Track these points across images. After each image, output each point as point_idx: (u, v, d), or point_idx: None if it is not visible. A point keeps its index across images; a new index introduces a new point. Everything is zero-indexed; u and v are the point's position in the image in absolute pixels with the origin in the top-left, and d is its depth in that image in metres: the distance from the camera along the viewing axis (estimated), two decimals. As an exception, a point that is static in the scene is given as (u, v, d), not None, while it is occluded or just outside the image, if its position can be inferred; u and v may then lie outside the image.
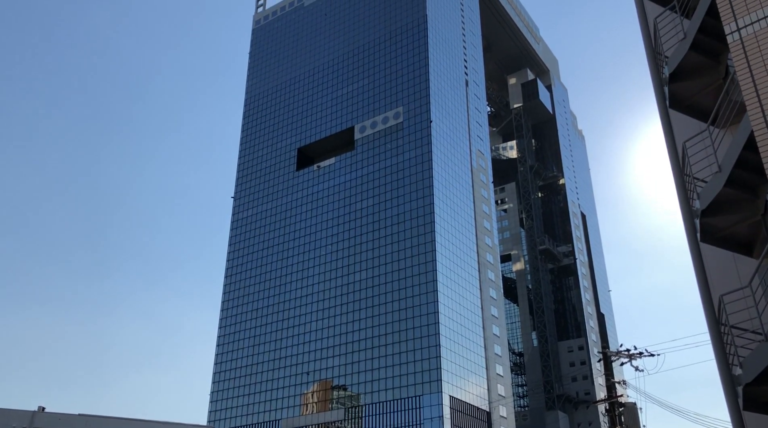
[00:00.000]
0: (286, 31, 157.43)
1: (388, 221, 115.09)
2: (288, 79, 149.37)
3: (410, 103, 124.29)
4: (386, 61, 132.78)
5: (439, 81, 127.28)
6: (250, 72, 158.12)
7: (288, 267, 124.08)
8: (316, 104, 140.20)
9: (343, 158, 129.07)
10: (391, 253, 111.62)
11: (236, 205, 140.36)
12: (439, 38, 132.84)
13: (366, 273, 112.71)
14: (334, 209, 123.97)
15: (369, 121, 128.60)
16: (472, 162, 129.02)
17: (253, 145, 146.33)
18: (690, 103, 21.27)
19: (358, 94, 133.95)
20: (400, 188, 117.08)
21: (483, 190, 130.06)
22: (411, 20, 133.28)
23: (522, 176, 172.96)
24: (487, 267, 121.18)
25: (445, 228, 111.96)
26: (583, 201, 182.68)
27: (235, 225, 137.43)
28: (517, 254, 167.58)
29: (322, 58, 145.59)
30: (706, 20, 18.76)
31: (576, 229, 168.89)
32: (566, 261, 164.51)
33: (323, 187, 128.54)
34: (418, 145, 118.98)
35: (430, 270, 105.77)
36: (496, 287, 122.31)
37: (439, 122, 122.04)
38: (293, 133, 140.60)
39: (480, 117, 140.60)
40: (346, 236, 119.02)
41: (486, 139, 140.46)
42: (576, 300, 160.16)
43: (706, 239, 19.05)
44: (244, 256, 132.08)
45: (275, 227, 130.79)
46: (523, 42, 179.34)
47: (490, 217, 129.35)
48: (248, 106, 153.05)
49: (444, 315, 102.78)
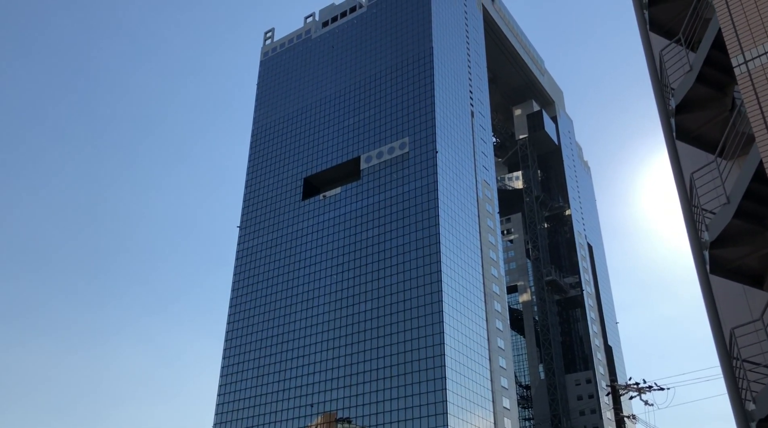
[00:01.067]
0: (294, 63, 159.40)
1: (394, 251, 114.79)
2: (295, 109, 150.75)
3: (416, 134, 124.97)
4: (392, 92, 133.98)
5: (444, 112, 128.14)
6: (258, 103, 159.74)
7: (293, 297, 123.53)
8: (323, 134, 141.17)
9: (349, 188, 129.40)
10: (397, 284, 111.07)
11: (242, 234, 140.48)
12: (444, 70, 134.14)
13: (371, 304, 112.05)
14: (339, 239, 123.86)
15: (375, 151, 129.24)
16: (477, 192, 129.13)
17: (260, 174, 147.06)
18: (697, 134, 21.27)
19: (364, 125, 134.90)
20: (405, 218, 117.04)
21: (489, 220, 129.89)
22: (417, 52, 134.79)
23: (528, 207, 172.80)
24: (493, 298, 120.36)
25: (451, 259, 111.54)
26: (590, 232, 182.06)
27: (241, 255, 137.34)
28: (523, 285, 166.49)
29: (329, 89, 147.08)
30: (711, 53, 18.85)
31: (582, 260, 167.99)
32: (573, 292, 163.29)
33: (329, 216, 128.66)
34: (423, 175, 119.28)
35: (436, 302, 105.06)
36: (503, 318, 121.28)
37: (444, 152, 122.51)
38: (300, 163, 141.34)
39: (486, 147, 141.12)
40: (352, 266, 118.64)
41: (492, 170, 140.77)
42: (583, 332, 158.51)
43: (716, 271, 18.85)
44: (249, 286, 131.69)
45: (281, 257, 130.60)
46: (528, 74, 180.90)
47: (496, 248, 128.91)
48: (255, 137, 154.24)
49: (450, 346, 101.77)
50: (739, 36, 16.54)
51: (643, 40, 23.16)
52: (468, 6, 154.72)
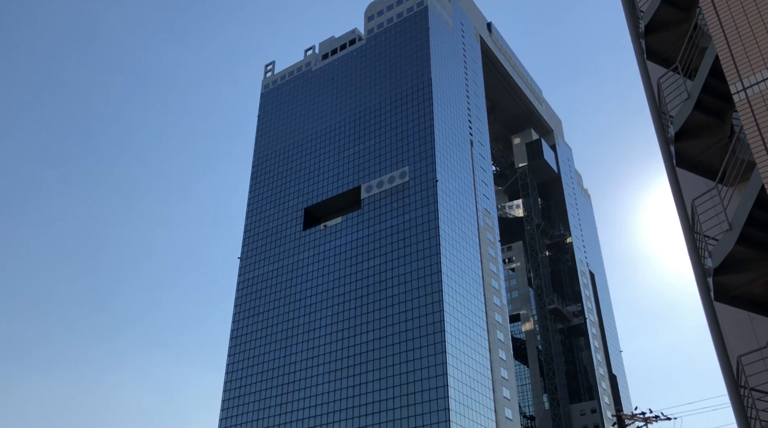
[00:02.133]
0: (294, 95, 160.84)
1: (395, 281, 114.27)
2: (295, 140, 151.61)
3: (416, 163, 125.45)
4: (392, 122, 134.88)
5: (444, 141, 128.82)
6: (259, 135, 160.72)
7: (294, 328, 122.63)
8: (323, 164, 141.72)
9: (350, 217, 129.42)
10: (399, 314, 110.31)
11: (242, 265, 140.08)
12: (443, 100, 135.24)
13: (373, 335, 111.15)
14: (340, 269, 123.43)
15: (375, 181, 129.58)
16: (478, 220, 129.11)
17: (261, 205, 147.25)
18: (696, 161, 21.31)
19: (364, 154, 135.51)
20: (406, 247, 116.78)
21: (490, 248, 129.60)
22: (416, 83, 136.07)
23: (529, 235, 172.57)
24: (496, 327, 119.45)
25: (453, 288, 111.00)
26: (591, 259, 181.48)
27: (242, 286, 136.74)
28: (526, 314, 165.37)
29: (329, 119, 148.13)
30: (709, 80, 18.98)
31: (585, 288, 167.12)
32: (576, 321, 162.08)
33: (330, 246, 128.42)
34: (424, 203, 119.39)
35: (438, 332, 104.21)
36: (506, 348, 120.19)
37: (444, 181, 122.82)
38: (300, 193, 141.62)
39: (485, 176, 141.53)
40: (353, 296, 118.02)
41: (492, 198, 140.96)
42: (587, 361, 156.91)
43: (720, 298, 18.69)
44: (250, 318, 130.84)
45: (282, 288, 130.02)
46: (526, 103, 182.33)
47: (498, 277, 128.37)
48: (256, 168, 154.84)
49: (453, 377, 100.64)
50: (737, 64, 16.67)
51: (641, 68, 23.36)
52: (466, 37, 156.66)
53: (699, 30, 20.24)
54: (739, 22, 17.37)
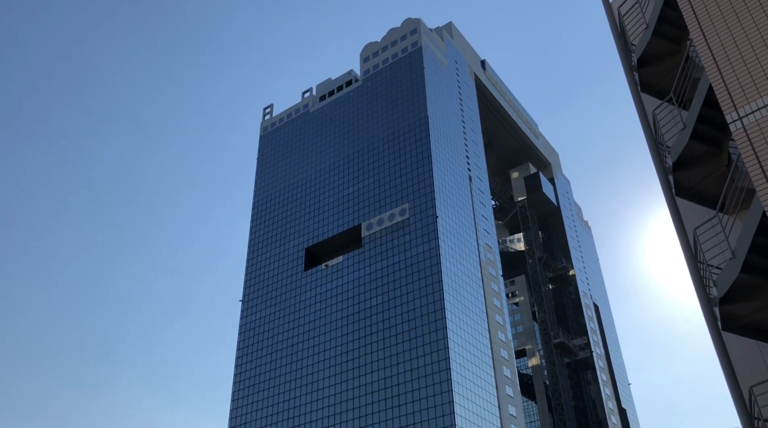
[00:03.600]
0: (293, 136, 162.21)
1: (399, 319, 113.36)
2: (295, 181, 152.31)
3: (415, 200, 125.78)
4: (390, 160, 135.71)
5: (442, 177, 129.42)
6: (258, 177, 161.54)
7: (298, 370, 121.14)
8: (323, 204, 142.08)
9: (351, 256, 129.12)
10: (403, 352, 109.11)
11: (244, 308, 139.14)
12: (440, 136, 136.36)
13: (378, 375, 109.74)
14: (343, 308, 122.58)
15: (375, 219, 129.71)
16: (480, 255, 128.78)
17: (261, 247, 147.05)
18: (696, 190, 21.35)
19: (363, 193, 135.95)
20: (409, 284, 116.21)
21: (493, 283, 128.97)
22: (413, 121, 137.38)
23: (531, 268, 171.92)
24: (502, 363, 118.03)
25: (457, 325, 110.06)
26: (595, 291, 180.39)
27: (244, 329, 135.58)
28: (531, 349, 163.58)
29: (328, 159, 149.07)
30: (703, 110, 19.16)
31: (590, 321, 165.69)
32: (582, 354, 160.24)
33: (332, 286, 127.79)
34: (425, 240, 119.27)
35: (444, 369, 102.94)
36: (513, 384, 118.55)
37: (445, 217, 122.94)
38: (301, 234, 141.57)
39: (485, 211, 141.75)
40: (357, 336, 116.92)
41: (493, 233, 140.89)
42: (595, 395, 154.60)
43: (728, 327, 18.50)
44: (252, 361, 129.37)
45: (284, 329, 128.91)
46: (522, 137, 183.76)
47: (502, 311, 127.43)
48: (256, 210, 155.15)
49: (460, 416, 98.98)
50: (731, 94, 16.85)
51: (636, 100, 23.61)
52: (460, 75, 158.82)
53: (691, 61, 20.52)
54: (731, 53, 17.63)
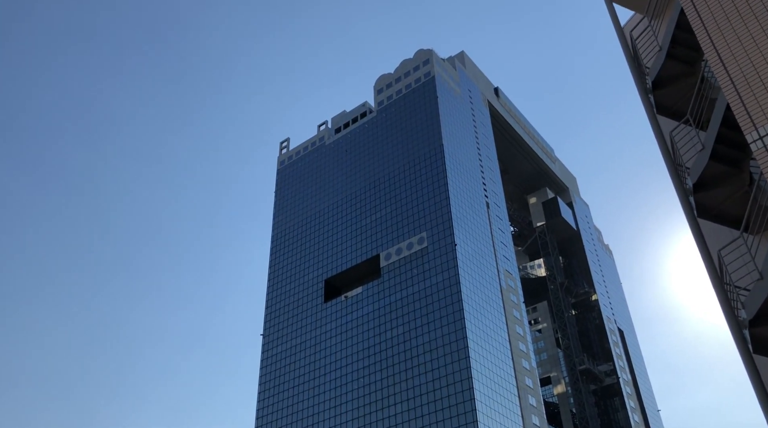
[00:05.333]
0: (310, 169, 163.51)
1: (420, 349, 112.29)
2: (312, 213, 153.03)
3: (433, 228, 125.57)
4: (407, 190, 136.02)
5: (460, 205, 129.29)
6: (276, 210, 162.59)
7: (321, 404, 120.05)
8: (341, 235, 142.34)
9: (370, 287, 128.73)
10: (426, 383, 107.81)
11: (265, 342, 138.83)
12: (456, 164, 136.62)
13: (401, 407, 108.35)
14: (364, 339, 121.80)
15: (394, 248, 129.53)
16: (500, 283, 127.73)
17: (281, 280, 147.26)
18: (718, 211, 21.08)
19: (381, 223, 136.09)
20: (430, 314, 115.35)
21: (515, 310, 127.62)
22: (428, 150, 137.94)
23: (553, 294, 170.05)
24: (527, 392, 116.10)
25: (480, 353, 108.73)
26: (619, 316, 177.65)
27: (265, 363, 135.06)
28: (556, 376, 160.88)
29: (345, 191, 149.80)
30: (722, 130, 19.02)
31: (615, 346, 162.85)
32: (609, 380, 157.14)
33: (352, 317, 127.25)
34: (444, 268, 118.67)
35: (468, 400, 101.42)
36: (539, 413, 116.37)
37: (463, 245, 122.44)
38: (319, 266, 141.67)
39: (504, 237, 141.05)
40: (378, 367, 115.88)
41: (512, 259, 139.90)
42: (624, 422, 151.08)
43: (760, 350, 18.07)
44: (275, 395, 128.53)
45: (306, 362, 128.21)
46: (539, 163, 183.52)
47: (525, 339, 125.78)
48: (275, 243, 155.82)
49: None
50: (750, 113, 16.73)
51: (652, 123, 23.52)
52: (474, 103, 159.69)
53: (707, 82, 20.45)
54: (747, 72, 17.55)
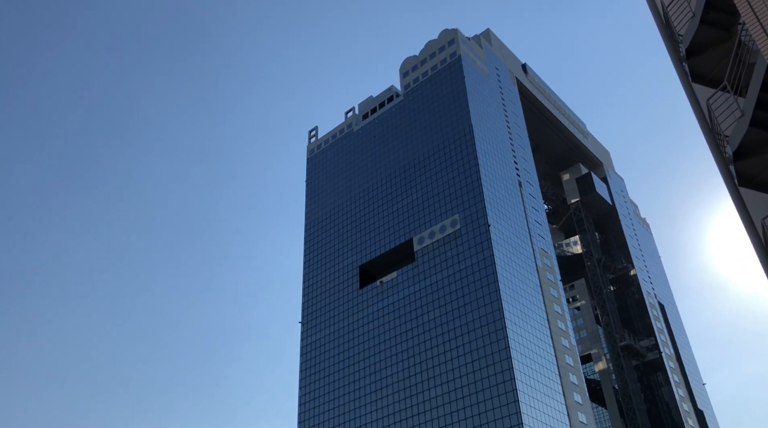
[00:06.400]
0: (339, 157, 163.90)
1: (458, 331, 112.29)
2: (344, 200, 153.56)
3: (466, 210, 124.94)
4: (438, 172, 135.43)
5: (492, 185, 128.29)
6: (308, 199, 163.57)
7: (362, 388, 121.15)
8: (374, 221, 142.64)
9: (405, 271, 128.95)
10: (465, 365, 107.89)
11: (304, 329, 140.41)
12: (487, 144, 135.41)
13: (441, 389, 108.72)
14: (401, 324, 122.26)
15: (427, 232, 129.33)
16: (536, 262, 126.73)
17: (316, 268, 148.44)
18: (760, 179, 20.48)
19: (413, 207, 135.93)
20: (465, 296, 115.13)
21: (552, 289, 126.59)
22: (457, 131, 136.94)
23: (590, 271, 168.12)
24: (567, 370, 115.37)
25: (518, 333, 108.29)
26: (659, 290, 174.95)
27: (305, 351, 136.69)
28: (597, 353, 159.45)
29: (376, 177, 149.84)
30: (762, 96, 18.42)
31: (656, 321, 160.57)
32: (651, 356, 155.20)
33: (388, 302, 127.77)
34: (478, 250, 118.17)
35: (508, 380, 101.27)
36: (581, 391, 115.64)
37: (497, 225, 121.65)
38: (353, 252, 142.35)
39: (538, 216, 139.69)
40: (416, 351, 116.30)
41: (548, 237, 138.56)
42: (669, 397, 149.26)
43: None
44: (316, 381, 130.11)
45: (344, 348, 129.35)
46: (571, 138, 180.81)
47: (564, 317, 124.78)
48: (308, 232, 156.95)
49: (529, 426, 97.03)
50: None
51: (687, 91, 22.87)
52: (502, 81, 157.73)
53: (744, 46, 19.77)
54: (787, 34, 16.89)
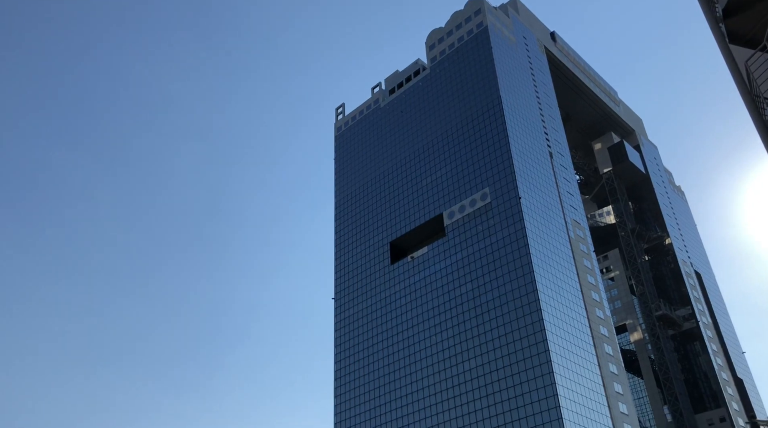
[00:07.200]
0: (367, 133, 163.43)
1: (490, 305, 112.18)
2: (373, 176, 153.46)
3: (496, 183, 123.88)
4: (467, 146, 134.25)
5: (522, 157, 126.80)
6: (337, 176, 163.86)
7: (395, 362, 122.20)
8: (403, 197, 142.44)
9: (435, 246, 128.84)
10: (498, 338, 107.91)
11: (337, 305, 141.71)
12: (516, 116, 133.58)
13: (475, 362, 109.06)
14: (433, 298, 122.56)
15: (457, 206, 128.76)
16: (569, 233, 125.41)
17: (347, 245, 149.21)
18: (802, 142, 19.75)
19: (442, 181, 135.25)
20: (497, 269, 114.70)
21: (585, 260, 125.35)
22: (486, 103, 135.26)
23: (624, 241, 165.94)
24: (602, 341, 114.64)
25: (552, 306, 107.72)
26: (695, 259, 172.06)
27: (339, 326, 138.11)
28: (632, 323, 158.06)
29: (404, 152, 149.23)
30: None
31: (693, 290, 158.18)
32: (688, 325, 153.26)
33: (419, 277, 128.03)
34: (509, 222, 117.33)
35: (543, 352, 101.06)
36: (616, 361, 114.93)
37: (528, 197, 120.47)
38: (384, 229, 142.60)
39: (570, 186, 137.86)
40: (449, 324, 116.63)
41: (580, 208, 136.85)
42: (707, 366, 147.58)
43: None
44: (351, 356, 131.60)
45: (378, 323, 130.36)
46: (602, 107, 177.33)
47: (598, 288, 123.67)
48: (338, 209, 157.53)
49: (564, 397, 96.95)
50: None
51: (724, 53, 22.07)
52: (530, 50, 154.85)
53: (784, 4, 18.91)
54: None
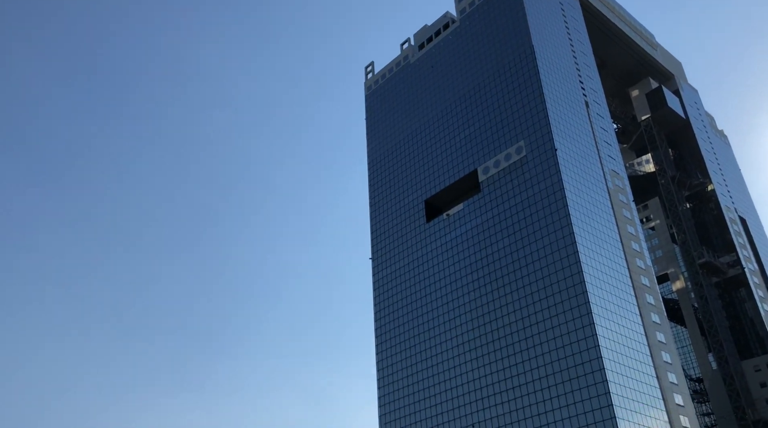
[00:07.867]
0: (398, 91, 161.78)
1: (528, 259, 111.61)
2: (406, 135, 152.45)
3: (531, 135, 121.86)
4: (500, 98, 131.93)
5: (557, 107, 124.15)
6: (369, 135, 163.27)
7: (435, 319, 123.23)
8: (436, 154, 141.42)
9: (471, 202, 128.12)
10: (538, 291, 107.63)
11: (375, 265, 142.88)
12: (549, 65, 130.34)
13: (514, 316, 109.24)
14: (471, 255, 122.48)
15: (491, 161, 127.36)
16: (607, 183, 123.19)
17: (382, 204, 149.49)
18: None
19: (476, 136, 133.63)
20: (535, 223, 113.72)
21: (624, 210, 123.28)
22: (518, 53, 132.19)
23: (665, 189, 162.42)
24: (644, 291, 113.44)
25: (591, 258, 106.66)
26: (740, 204, 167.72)
27: (377, 285, 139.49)
28: (674, 272, 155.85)
29: (436, 108, 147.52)
30: None
31: (737, 236, 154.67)
32: (732, 272, 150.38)
33: (456, 234, 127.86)
34: (546, 175, 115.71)
35: (583, 303, 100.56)
36: (658, 311, 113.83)
37: (564, 149, 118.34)
38: (418, 187, 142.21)
39: (607, 136, 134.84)
40: (487, 280, 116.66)
41: (618, 157, 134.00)
42: (753, 312, 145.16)
43: None
44: (390, 314, 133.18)
45: (416, 281, 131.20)
46: (638, 52, 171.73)
47: (638, 238, 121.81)
48: (372, 169, 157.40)
49: (606, 348, 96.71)
50: None
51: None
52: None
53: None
54: None
